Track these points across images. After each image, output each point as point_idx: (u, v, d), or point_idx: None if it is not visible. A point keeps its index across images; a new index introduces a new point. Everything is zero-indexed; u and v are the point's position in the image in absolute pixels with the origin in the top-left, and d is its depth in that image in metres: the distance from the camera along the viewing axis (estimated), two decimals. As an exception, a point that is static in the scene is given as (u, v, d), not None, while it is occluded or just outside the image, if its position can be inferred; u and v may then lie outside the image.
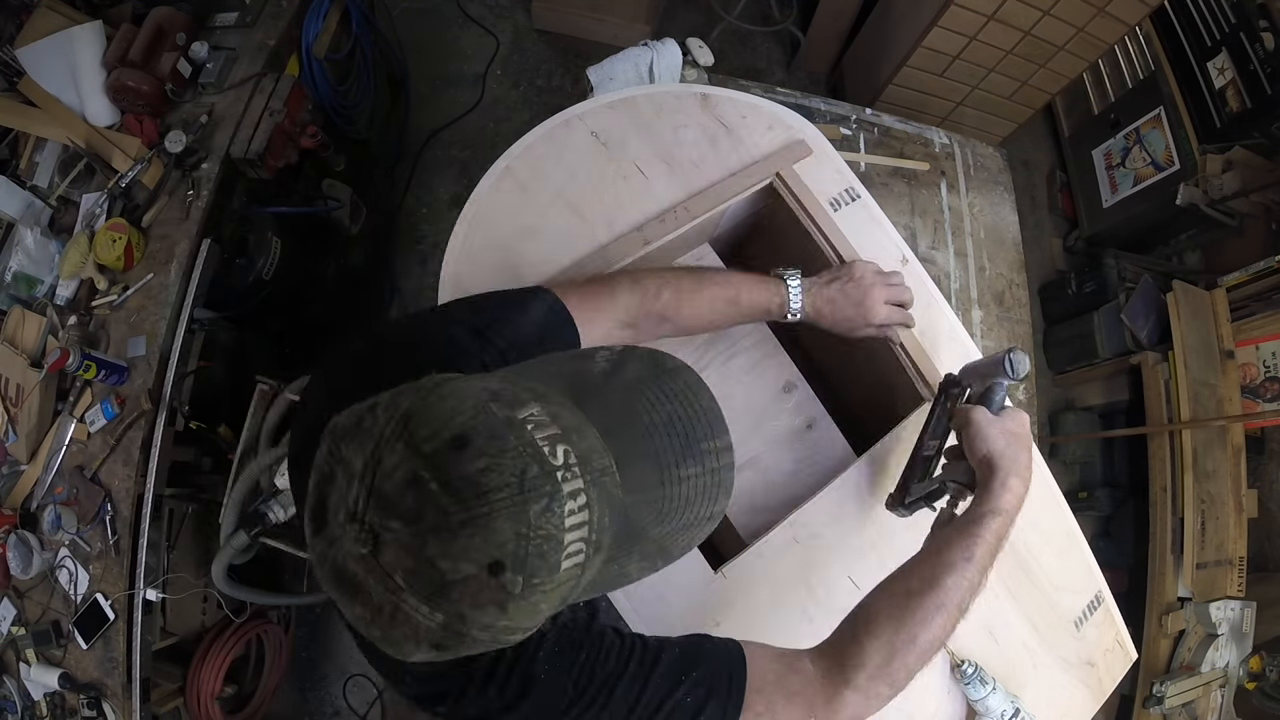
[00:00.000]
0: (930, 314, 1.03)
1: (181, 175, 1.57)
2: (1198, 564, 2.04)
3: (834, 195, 1.05)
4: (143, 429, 1.41)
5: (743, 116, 1.05)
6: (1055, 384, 2.73)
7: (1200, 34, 2.50)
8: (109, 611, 1.37)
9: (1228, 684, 2.04)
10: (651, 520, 0.47)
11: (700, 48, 1.52)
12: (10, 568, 1.42)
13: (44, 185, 1.65)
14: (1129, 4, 2.11)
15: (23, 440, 1.48)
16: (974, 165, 1.63)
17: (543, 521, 0.38)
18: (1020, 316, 1.54)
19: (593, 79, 1.45)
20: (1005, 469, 0.76)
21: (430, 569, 0.37)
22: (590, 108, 1.02)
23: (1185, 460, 2.10)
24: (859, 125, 1.60)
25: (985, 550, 0.72)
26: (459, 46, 2.78)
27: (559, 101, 2.67)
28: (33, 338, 1.50)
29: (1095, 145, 2.81)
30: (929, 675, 0.90)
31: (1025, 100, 2.51)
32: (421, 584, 0.37)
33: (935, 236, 1.54)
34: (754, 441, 1.07)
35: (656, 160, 1.00)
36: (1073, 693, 1.00)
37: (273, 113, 1.62)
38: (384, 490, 0.38)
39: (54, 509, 1.42)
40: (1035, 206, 2.98)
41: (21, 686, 1.46)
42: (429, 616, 0.38)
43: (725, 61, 2.85)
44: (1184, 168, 2.45)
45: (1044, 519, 1.02)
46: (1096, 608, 1.04)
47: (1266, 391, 2.20)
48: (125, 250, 1.49)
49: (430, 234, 2.55)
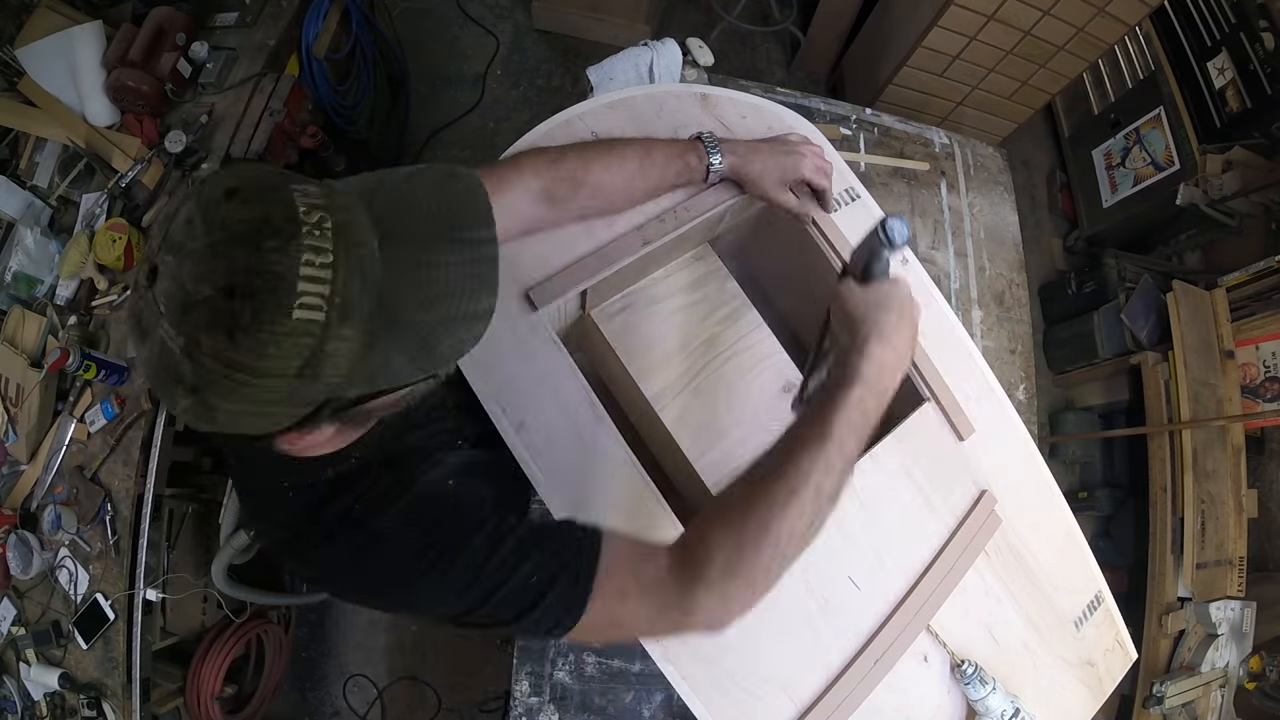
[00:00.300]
0: (930, 314, 1.03)
1: (181, 175, 1.57)
2: (1198, 564, 2.04)
3: (834, 195, 1.05)
4: (143, 429, 1.41)
5: (743, 116, 1.05)
6: (1055, 384, 2.74)
7: (1200, 34, 2.50)
8: (109, 611, 1.37)
9: (1228, 684, 2.04)
10: (412, 306, 0.47)
11: (700, 48, 1.52)
12: (10, 568, 1.42)
13: (44, 185, 1.65)
14: (1129, 4, 2.11)
15: (23, 440, 1.48)
16: (974, 165, 1.63)
17: (275, 259, 0.42)
18: (1020, 316, 1.54)
19: (593, 79, 1.45)
20: (863, 334, 0.68)
21: (181, 290, 0.42)
22: (590, 108, 1.02)
23: (1185, 460, 2.10)
24: (859, 125, 1.60)
25: (844, 425, 0.64)
26: (459, 46, 2.78)
27: (559, 101, 2.67)
28: (33, 338, 1.50)
29: (1095, 145, 2.81)
30: (929, 675, 0.90)
31: (1025, 100, 2.51)
32: (174, 306, 0.42)
33: (935, 236, 1.54)
34: (754, 442, 1.07)
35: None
36: (1073, 693, 1.00)
37: (273, 113, 1.62)
38: (168, 233, 0.43)
39: (54, 509, 1.42)
40: (1035, 206, 2.98)
41: (21, 686, 1.46)
42: (174, 339, 0.42)
43: (725, 61, 2.85)
44: (1184, 168, 2.45)
45: (1044, 519, 1.02)
46: (1096, 608, 1.04)
47: (1266, 391, 2.20)
48: (125, 250, 1.49)
49: (430, 234, 2.54)
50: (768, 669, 0.84)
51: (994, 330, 1.51)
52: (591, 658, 1.18)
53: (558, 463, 0.85)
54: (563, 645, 1.19)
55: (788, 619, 0.88)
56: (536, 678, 1.17)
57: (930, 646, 0.92)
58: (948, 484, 0.97)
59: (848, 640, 0.88)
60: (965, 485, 0.98)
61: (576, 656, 1.18)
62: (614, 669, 1.18)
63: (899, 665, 0.89)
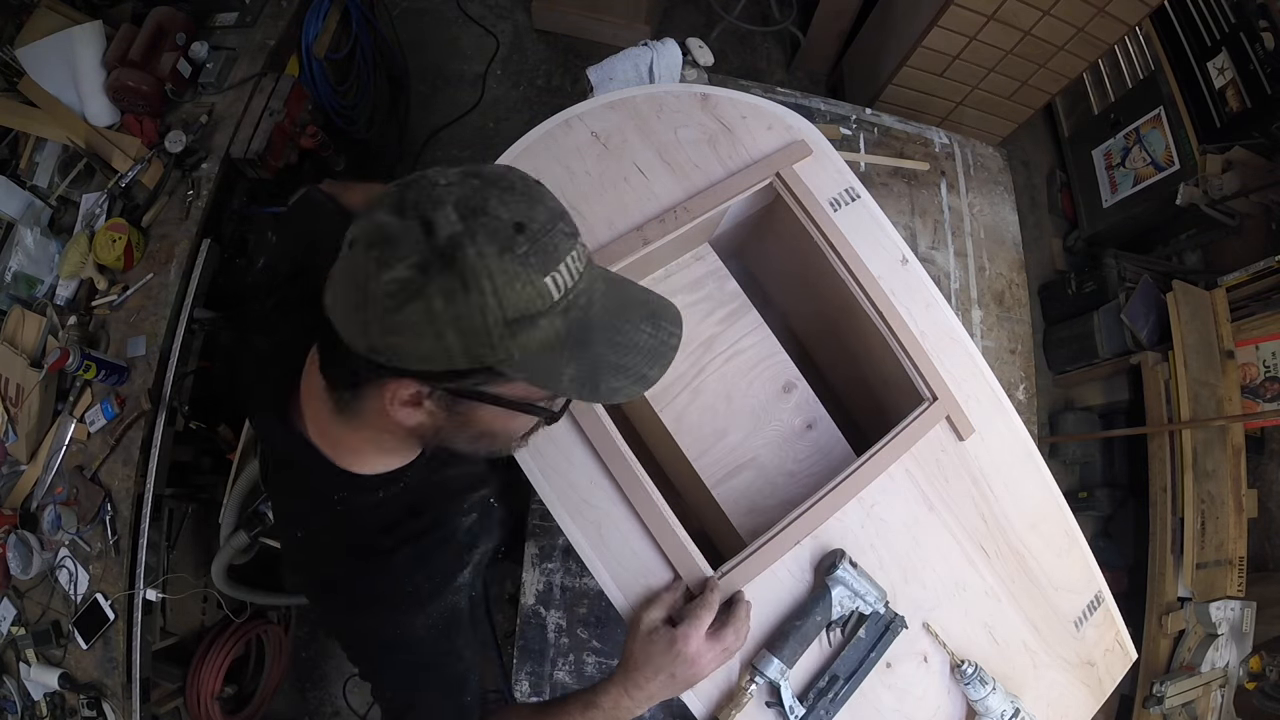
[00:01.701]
0: (930, 314, 1.03)
1: (181, 175, 1.57)
2: (1198, 564, 2.05)
3: (834, 195, 1.05)
4: (143, 429, 1.42)
5: (743, 116, 1.05)
6: (1055, 384, 2.74)
7: (1200, 34, 2.50)
8: (109, 611, 1.37)
9: (1228, 684, 2.04)
10: (605, 342, 0.57)
11: (700, 48, 1.52)
12: (10, 568, 1.42)
13: (44, 185, 1.65)
14: (1129, 4, 2.11)
15: (23, 440, 1.48)
16: (974, 165, 1.63)
17: (560, 238, 0.51)
18: (1020, 316, 1.54)
19: (593, 79, 1.45)
20: (625, 669, 0.77)
21: (481, 201, 0.49)
22: (590, 108, 1.02)
23: (1185, 460, 2.10)
24: (859, 125, 1.60)
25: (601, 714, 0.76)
26: (459, 46, 2.78)
27: (559, 101, 2.68)
28: (33, 338, 1.50)
29: (1095, 145, 2.81)
30: (929, 675, 0.90)
31: (1025, 100, 2.51)
32: (468, 209, 0.49)
33: (935, 236, 1.54)
34: (754, 441, 1.07)
35: (656, 160, 1.00)
36: (1073, 693, 1.00)
37: (273, 113, 1.62)
38: (483, 175, 0.52)
39: (54, 509, 1.42)
40: (1035, 206, 2.98)
41: (21, 686, 1.46)
42: (454, 224, 0.48)
43: (725, 61, 2.85)
44: (1184, 168, 2.45)
45: (1044, 519, 1.02)
46: (1096, 608, 1.04)
47: (1266, 391, 2.20)
48: (125, 250, 1.49)
49: (430, 234, 2.54)
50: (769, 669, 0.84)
51: (994, 330, 1.51)
52: (591, 657, 1.19)
53: (558, 463, 0.86)
54: (563, 645, 1.19)
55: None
56: (536, 677, 1.17)
57: (930, 646, 0.92)
58: (947, 484, 0.97)
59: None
60: (964, 484, 0.98)
61: (576, 656, 1.19)
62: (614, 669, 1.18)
63: (899, 666, 0.89)
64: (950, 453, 0.98)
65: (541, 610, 1.20)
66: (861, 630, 0.87)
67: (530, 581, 1.21)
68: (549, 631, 1.19)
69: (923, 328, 1.00)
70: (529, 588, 1.21)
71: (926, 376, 0.98)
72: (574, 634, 1.19)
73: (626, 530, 0.85)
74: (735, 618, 0.79)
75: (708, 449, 1.05)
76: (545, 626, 1.19)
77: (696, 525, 1.14)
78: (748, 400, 1.09)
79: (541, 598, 1.20)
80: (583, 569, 1.20)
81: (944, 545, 0.95)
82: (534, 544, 1.22)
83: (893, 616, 0.88)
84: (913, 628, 0.90)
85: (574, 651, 1.18)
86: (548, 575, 1.21)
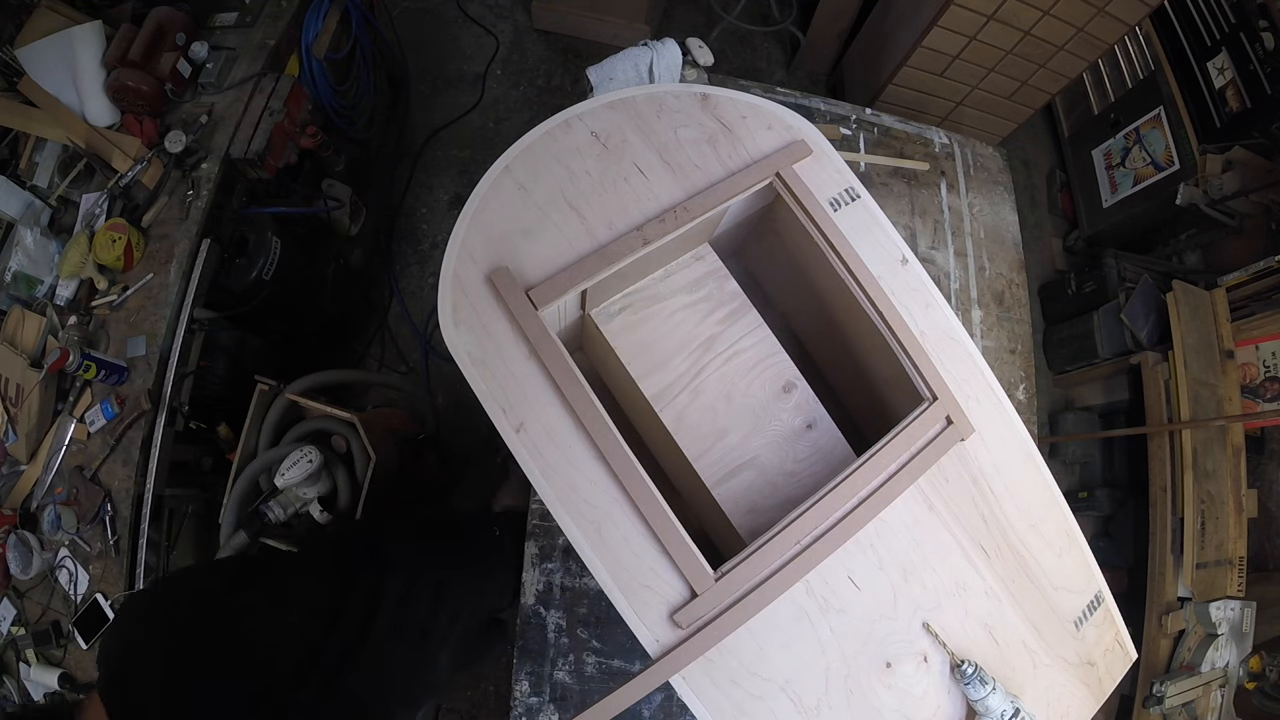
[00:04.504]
0: (930, 314, 1.03)
1: (181, 175, 1.57)
2: (1198, 564, 2.05)
3: (834, 195, 1.05)
4: (143, 429, 1.42)
5: (742, 116, 1.05)
6: (1055, 384, 2.74)
7: (1200, 34, 2.50)
8: (109, 611, 1.37)
9: (1228, 684, 2.04)
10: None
11: (700, 48, 1.52)
12: (10, 568, 1.42)
13: (44, 185, 1.65)
14: (1129, 4, 2.11)
15: (23, 440, 1.48)
16: (974, 165, 1.63)
17: None
18: (1020, 316, 1.54)
19: (593, 79, 1.45)
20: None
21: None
22: (590, 108, 1.02)
23: (1185, 460, 2.10)
24: (859, 125, 1.61)
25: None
26: (459, 46, 2.78)
27: (559, 101, 2.68)
28: (33, 338, 1.50)
29: (1095, 145, 2.81)
30: (929, 675, 0.90)
31: (1025, 100, 2.51)
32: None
33: (935, 236, 1.54)
34: (754, 441, 1.07)
35: (656, 160, 1.00)
36: (1073, 693, 1.00)
37: (273, 113, 1.62)
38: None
39: (54, 509, 1.42)
40: (1035, 206, 2.98)
41: (21, 686, 1.46)
42: None
43: (725, 61, 2.86)
44: (1184, 168, 2.45)
45: (1044, 519, 1.02)
46: (1096, 608, 1.03)
47: (1266, 391, 2.20)
48: (125, 250, 1.49)
49: (430, 234, 2.55)
50: (770, 670, 0.84)
51: (994, 330, 1.51)
52: (592, 658, 1.19)
53: (558, 463, 0.86)
54: (563, 645, 1.19)
55: (787, 624, 0.88)
56: (536, 678, 1.17)
57: (930, 646, 0.92)
58: (947, 484, 0.97)
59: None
60: (964, 484, 0.98)
61: (576, 656, 1.19)
62: (614, 669, 1.18)
63: (899, 666, 0.89)
64: (950, 453, 0.98)
65: (541, 610, 1.20)
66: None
67: (530, 581, 1.21)
68: (549, 631, 1.19)
69: (923, 328, 1.00)
70: (529, 588, 1.21)
71: (926, 376, 0.98)
72: (574, 634, 1.19)
73: (626, 530, 0.85)
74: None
75: (708, 449, 1.05)
76: (545, 626, 1.19)
77: (696, 525, 1.14)
78: (748, 400, 1.09)
79: (541, 598, 1.21)
80: (583, 569, 1.21)
81: (944, 545, 0.95)
82: (534, 544, 1.22)
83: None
84: (913, 627, 0.90)
85: (574, 651, 1.18)
86: (548, 575, 1.22)
